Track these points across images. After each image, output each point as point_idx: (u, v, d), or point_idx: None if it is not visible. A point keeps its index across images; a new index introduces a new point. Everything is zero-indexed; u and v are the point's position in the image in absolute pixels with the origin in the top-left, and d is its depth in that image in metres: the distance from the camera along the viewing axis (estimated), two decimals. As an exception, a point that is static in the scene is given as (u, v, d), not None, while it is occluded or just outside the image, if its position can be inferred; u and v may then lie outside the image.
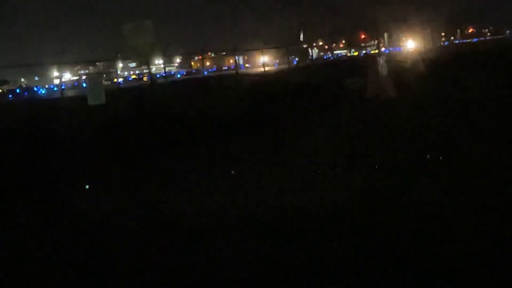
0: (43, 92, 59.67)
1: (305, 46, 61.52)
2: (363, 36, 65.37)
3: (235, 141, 8.80)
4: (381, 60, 13.72)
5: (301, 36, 63.58)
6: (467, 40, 75.50)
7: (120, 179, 6.82)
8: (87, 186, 6.48)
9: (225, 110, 12.72)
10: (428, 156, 6.16)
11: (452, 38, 79.04)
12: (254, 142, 8.54)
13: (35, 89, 63.17)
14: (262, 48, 46.96)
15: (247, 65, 66.40)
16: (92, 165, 7.87)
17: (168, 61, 60.09)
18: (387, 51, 54.55)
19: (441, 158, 6.02)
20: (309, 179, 5.75)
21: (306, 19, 59.96)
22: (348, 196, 4.93)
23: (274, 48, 52.14)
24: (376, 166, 5.99)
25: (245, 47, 49.91)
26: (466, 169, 5.48)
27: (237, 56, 42.04)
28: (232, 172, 6.46)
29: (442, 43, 73.75)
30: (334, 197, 4.94)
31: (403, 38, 57.62)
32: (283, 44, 51.94)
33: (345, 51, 72.33)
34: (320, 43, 78.39)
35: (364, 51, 63.32)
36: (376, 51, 59.42)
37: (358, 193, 5.03)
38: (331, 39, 70.14)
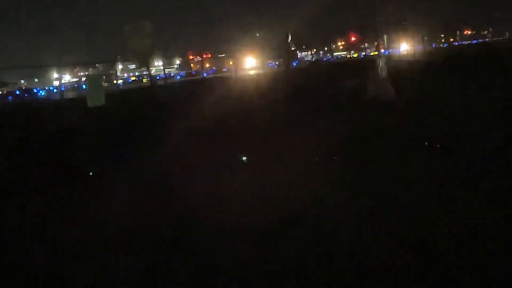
0: (43, 93, 59.68)
1: (293, 48, 61.11)
2: (353, 38, 65.47)
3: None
4: (380, 62, 13.72)
5: (289, 38, 63.18)
6: (467, 42, 75.52)
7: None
8: (90, 173, 6.56)
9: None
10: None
11: (451, 40, 79.02)
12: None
13: (35, 90, 63.23)
14: (253, 51, 46.81)
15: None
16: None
17: (168, 62, 60.09)
18: (386, 53, 54.54)
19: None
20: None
21: (295, 21, 59.37)
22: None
23: (261, 50, 51.83)
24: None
25: (241, 49, 49.82)
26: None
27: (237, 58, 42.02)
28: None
29: (441, 45, 73.73)
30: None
31: (398, 40, 57.65)
32: (271, 46, 51.69)
33: (345, 53, 72.31)
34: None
35: (363, 53, 63.30)
36: (376, 52, 59.38)
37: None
38: (323, 41, 69.95)
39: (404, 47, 55.75)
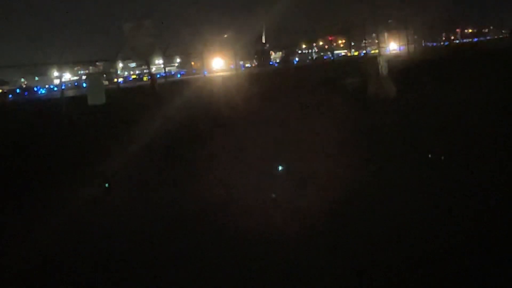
0: (43, 92, 59.75)
1: (266, 48, 60.62)
2: (330, 39, 65.99)
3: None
4: (381, 60, 13.77)
5: (263, 37, 62.56)
6: (468, 40, 75.61)
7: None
8: (106, 185, 6.54)
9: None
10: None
11: (452, 38, 79.06)
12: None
13: (35, 89, 63.30)
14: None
15: (247, 65, 66.56)
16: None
17: (168, 61, 59.99)
18: (388, 51, 54.52)
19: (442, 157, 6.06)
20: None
21: (271, 19, 58.75)
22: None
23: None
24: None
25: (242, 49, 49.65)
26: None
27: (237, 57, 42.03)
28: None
29: (442, 43, 73.75)
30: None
31: (396, 39, 57.60)
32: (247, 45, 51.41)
33: (345, 51, 72.52)
34: (321, 43, 78.46)
35: (364, 51, 63.32)
36: (377, 51, 59.41)
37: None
38: (301, 41, 69.79)
39: (402, 45, 55.71)
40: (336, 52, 72.48)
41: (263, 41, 62.73)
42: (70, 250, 4.39)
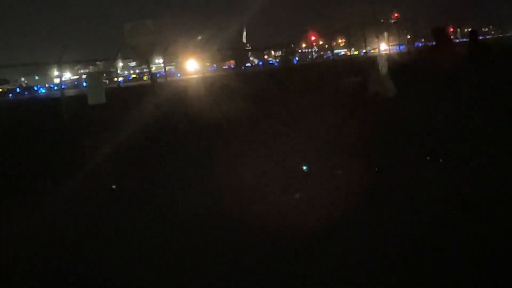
0: (43, 91, 59.64)
1: (247, 48, 59.95)
2: (313, 37, 65.89)
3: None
4: (381, 60, 13.71)
5: (244, 36, 61.79)
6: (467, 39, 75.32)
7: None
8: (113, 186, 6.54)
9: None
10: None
11: (452, 37, 78.85)
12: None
13: (35, 88, 63.21)
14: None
15: (247, 64, 66.52)
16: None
17: (168, 60, 59.80)
18: (387, 51, 54.37)
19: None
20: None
21: (252, 18, 57.80)
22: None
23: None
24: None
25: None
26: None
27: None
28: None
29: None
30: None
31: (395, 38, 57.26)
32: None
33: (345, 50, 72.41)
34: (321, 42, 78.40)
35: (364, 50, 63.20)
36: (376, 50, 59.27)
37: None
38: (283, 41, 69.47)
39: (402, 45, 55.53)
40: (336, 51, 72.36)
41: (244, 40, 62.12)
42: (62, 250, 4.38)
